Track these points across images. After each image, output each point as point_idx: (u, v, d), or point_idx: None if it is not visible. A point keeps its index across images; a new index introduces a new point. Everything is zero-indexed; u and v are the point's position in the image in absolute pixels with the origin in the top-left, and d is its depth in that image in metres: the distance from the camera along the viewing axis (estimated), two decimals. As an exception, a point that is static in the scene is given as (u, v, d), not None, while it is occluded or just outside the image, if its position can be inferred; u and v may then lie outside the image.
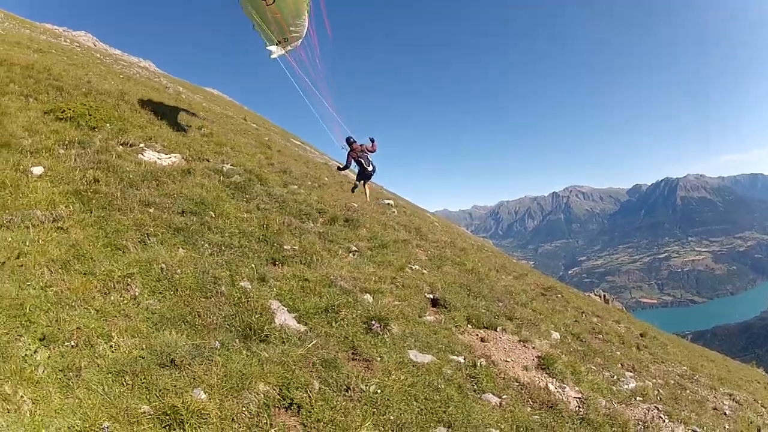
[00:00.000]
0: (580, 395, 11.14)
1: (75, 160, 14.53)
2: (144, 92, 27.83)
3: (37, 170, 13.28)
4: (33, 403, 6.91)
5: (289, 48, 25.39)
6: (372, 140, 25.05)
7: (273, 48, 25.81)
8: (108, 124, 18.30)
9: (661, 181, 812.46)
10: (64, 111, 18.02)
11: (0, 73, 21.45)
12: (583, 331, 14.89)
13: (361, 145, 24.90)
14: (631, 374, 13.48)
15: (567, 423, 9.97)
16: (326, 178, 24.12)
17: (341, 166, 26.09)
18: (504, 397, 10.05)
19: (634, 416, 11.25)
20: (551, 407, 10.27)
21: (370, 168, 24.86)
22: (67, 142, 15.68)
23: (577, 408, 10.70)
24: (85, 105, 19.16)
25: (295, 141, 36.95)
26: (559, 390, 11.06)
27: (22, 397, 6.92)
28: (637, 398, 12.20)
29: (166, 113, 23.90)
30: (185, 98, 32.96)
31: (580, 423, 10.19)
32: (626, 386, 12.54)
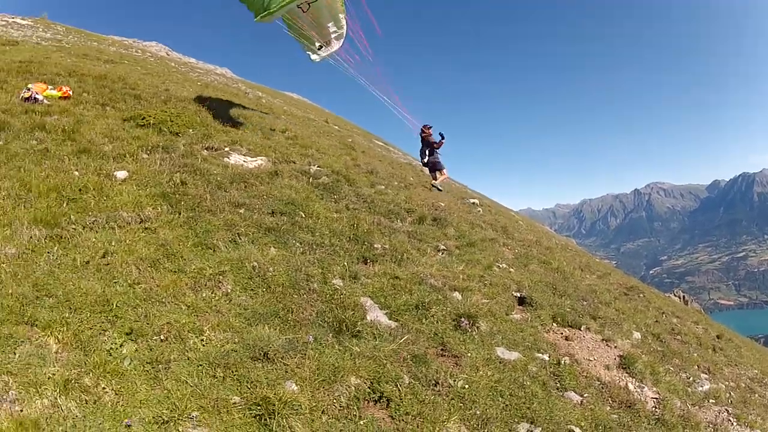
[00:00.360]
0: (657, 396, 11.08)
1: (160, 164, 14.82)
2: (224, 98, 28.21)
3: (121, 174, 13.59)
4: (116, 394, 7.15)
5: (332, 50, 25.54)
6: (441, 136, 24.80)
7: (314, 56, 26.14)
8: (191, 130, 18.56)
9: (738, 176, 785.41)
10: (144, 118, 18.31)
11: (71, 83, 21.91)
12: (663, 332, 14.71)
13: (432, 138, 24.78)
14: (706, 376, 13.31)
15: (643, 423, 9.93)
16: (411, 178, 24.04)
17: (424, 162, 25.99)
18: (585, 395, 10.03)
19: (706, 418, 11.13)
20: (629, 407, 10.24)
21: (437, 158, 24.78)
22: (150, 147, 15.99)
23: (653, 408, 10.66)
24: (165, 112, 19.47)
25: (378, 142, 36.98)
26: (638, 390, 11.01)
27: (104, 388, 7.17)
28: (710, 400, 12.03)
29: (249, 118, 24.18)
30: (265, 102, 33.21)
31: (656, 423, 10.15)
32: (701, 388, 12.39)
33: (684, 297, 57.86)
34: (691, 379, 12.64)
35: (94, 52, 34.72)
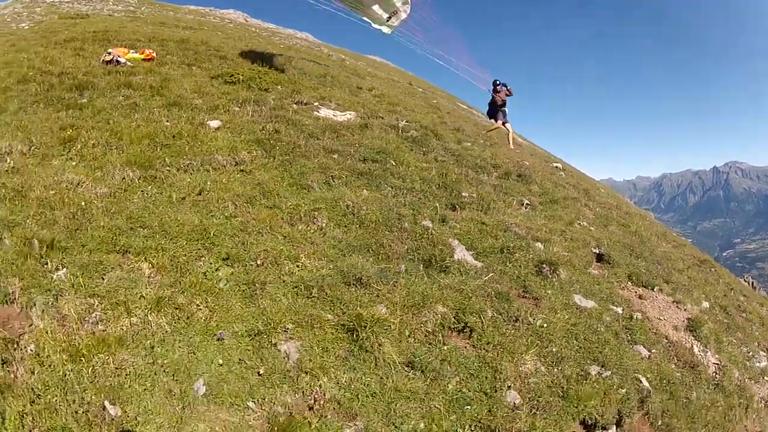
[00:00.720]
0: (718, 362, 11.26)
1: (252, 115, 15.46)
2: (308, 59, 28.63)
3: (214, 123, 14.29)
4: (210, 311, 7.82)
5: (402, 17, 25.87)
6: (506, 86, 24.89)
7: (383, 27, 26.24)
8: (279, 86, 19.02)
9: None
10: (232, 75, 18.87)
11: (154, 47, 22.58)
12: (730, 305, 14.69)
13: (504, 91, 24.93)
14: (765, 354, 13.39)
15: (703, 385, 10.17)
16: (497, 139, 24.17)
17: (489, 130, 25.99)
18: (653, 351, 10.28)
19: (760, 393, 11.22)
20: (692, 368, 10.48)
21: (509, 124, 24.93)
22: (240, 101, 16.59)
23: (714, 374, 10.87)
24: (253, 70, 20.08)
25: (462, 105, 36.95)
26: (702, 354, 11.20)
27: (198, 306, 7.85)
28: (766, 377, 12.13)
29: (335, 76, 24.46)
30: (349, 64, 33.55)
31: (714, 388, 10.38)
32: (758, 364, 12.47)
33: (753, 283, 56.71)
34: (750, 354, 12.69)
35: (171, 21, 35.46)
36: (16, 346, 6.72)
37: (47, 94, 15.22)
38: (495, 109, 25.12)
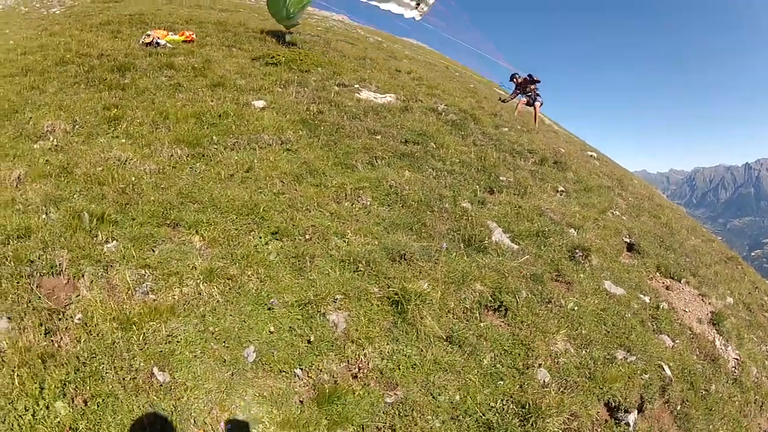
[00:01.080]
0: (738, 357, 11.47)
1: (295, 95, 15.82)
2: (346, 41, 28.90)
3: (259, 103, 14.62)
4: (260, 282, 8.17)
5: (430, 2, 26.01)
6: (531, 76, 25.19)
7: (412, 13, 26.22)
8: (319, 68, 19.29)
9: None
10: (273, 57, 19.19)
11: (192, 29, 22.91)
12: (753, 303, 14.75)
13: (525, 79, 25.27)
14: None
15: (722, 378, 10.41)
16: (533, 124, 24.43)
17: (504, 99, 26.48)
18: (677, 341, 10.54)
19: None
20: (713, 360, 10.73)
21: (537, 103, 25.19)
22: (283, 82, 16.95)
23: (733, 368, 11.09)
24: (293, 51, 20.45)
25: (498, 90, 37.11)
26: (723, 347, 11.43)
27: (249, 277, 8.20)
28: None
29: (374, 59, 24.75)
30: (386, 47, 33.65)
31: (733, 382, 10.63)
32: None
33: (778, 285, 56.22)
34: (769, 352, 13.02)
35: (207, 3, 35.58)
36: (61, 316, 6.92)
37: (88, 75, 15.53)
38: (521, 90, 25.49)
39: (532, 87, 25.08)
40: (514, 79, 25.81)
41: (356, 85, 18.45)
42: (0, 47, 19.74)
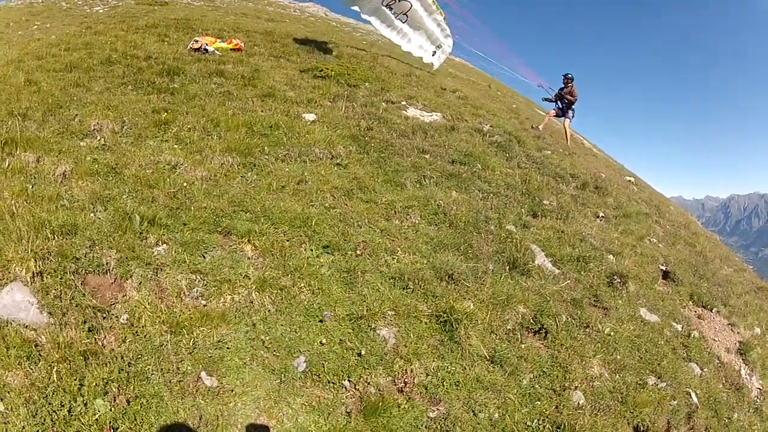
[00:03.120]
0: (761, 387, 11.68)
1: (344, 110, 16.10)
2: (391, 57, 29.05)
3: (310, 116, 14.92)
4: (312, 294, 8.43)
5: (447, 50, 27.79)
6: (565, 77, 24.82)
7: (431, 59, 27.53)
8: (366, 83, 19.57)
9: None
10: (322, 70, 19.46)
11: (240, 37, 23.28)
12: None
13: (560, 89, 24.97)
14: None
15: (745, 407, 10.65)
16: (574, 148, 24.33)
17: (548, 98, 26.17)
18: (705, 369, 10.81)
19: None
20: (738, 389, 10.98)
21: (567, 120, 25.00)
22: (332, 96, 17.26)
23: (755, 397, 11.31)
24: (342, 65, 20.67)
25: (539, 111, 37.02)
26: (747, 377, 11.64)
27: (300, 288, 8.45)
28: None
29: (419, 76, 24.89)
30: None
31: (754, 411, 10.86)
32: None
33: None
34: (791, 384, 13.16)
35: (252, 12, 36.15)
36: (106, 315, 7.05)
37: (136, 76, 15.86)
38: (559, 102, 25.36)
39: (567, 90, 24.83)
40: (551, 99, 25.81)
41: (403, 102, 18.69)
42: (42, 41, 20.33)
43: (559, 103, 25.32)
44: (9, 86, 13.97)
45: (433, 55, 27.51)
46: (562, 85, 24.97)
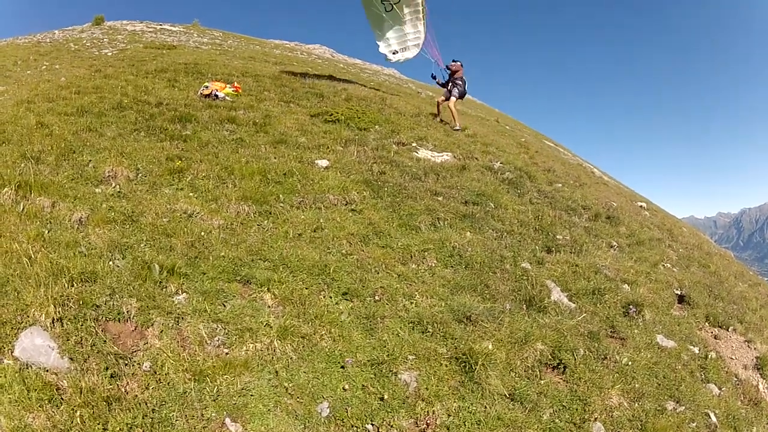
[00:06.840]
0: None
1: (356, 155, 16.34)
2: (399, 97, 29.33)
3: (323, 162, 15.19)
4: (333, 341, 8.65)
5: (409, 55, 27.87)
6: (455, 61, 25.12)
7: (391, 55, 28.02)
8: (377, 126, 19.74)
9: None
10: (332, 114, 19.72)
11: (249, 82, 23.80)
12: None
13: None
14: None
15: (763, 420, 10.75)
16: (584, 179, 24.39)
17: (440, 81, 26.21)
18: (723, 389, 10.95)
19: None
20: (756, 404, 11.09)
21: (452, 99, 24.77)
22: (343, 140, 17.46)
23: None
24: (351, 109, 20.88)
25: (548, 143, 36.95)
26: (765, 391, 11.77)
27: (321, 336, 8.68)
28: None
29: (428, 116, 25.12)
30: (437, 101, 33.33)
31: None
32: None
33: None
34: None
35: (260, 55, 36.42)
36: (128, 362, 7.19)
37: (148, 123, 16.09)
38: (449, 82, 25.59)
39: (454, 73, 25.11)
40: (443, 84, 26.03)
41: (414, 144, 18.87)
42: (52, 83, 20.57)
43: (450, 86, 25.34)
44: (20, 128, 14.19)
45: (394, 53, 27.88)
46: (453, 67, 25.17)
